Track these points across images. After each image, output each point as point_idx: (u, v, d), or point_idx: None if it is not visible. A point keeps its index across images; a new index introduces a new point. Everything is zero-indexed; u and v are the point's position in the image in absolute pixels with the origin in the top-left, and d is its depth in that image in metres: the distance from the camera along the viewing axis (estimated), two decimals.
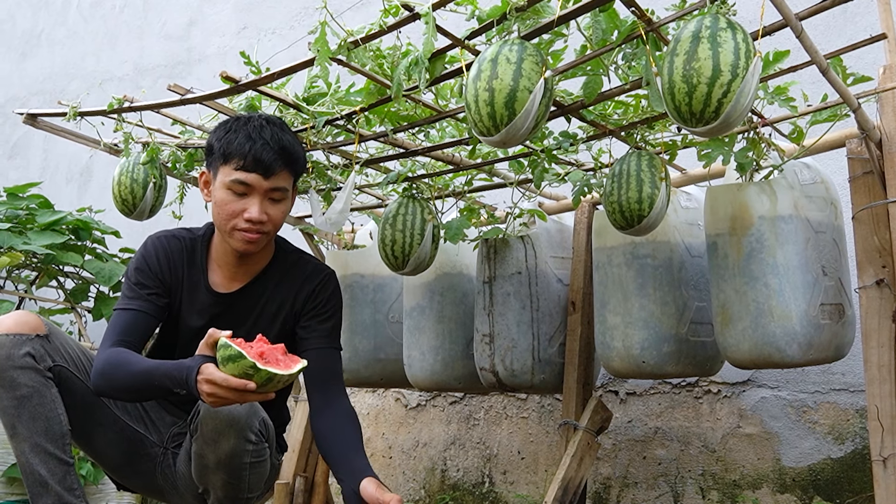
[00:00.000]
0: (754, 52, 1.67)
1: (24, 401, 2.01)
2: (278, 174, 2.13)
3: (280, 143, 2.13)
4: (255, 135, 2.11)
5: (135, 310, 2.17)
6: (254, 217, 2.10)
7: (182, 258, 2.25)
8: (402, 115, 2.35)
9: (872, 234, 2.25)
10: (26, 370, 2.02)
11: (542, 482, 3.52)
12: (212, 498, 2.11)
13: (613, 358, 2.59)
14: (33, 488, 2.02)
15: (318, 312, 2.29)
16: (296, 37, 4.82)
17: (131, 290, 2.20)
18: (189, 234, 2.30)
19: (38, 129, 2.81)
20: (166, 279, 2.23)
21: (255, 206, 2.11)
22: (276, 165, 2.12)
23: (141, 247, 2.29)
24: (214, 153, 2.16)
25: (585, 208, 2.87)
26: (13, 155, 6.47)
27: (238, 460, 2.04)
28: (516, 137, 1.82)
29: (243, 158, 2.10)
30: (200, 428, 2.02)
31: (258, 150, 2.10)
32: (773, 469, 3.06)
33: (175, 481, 2.24)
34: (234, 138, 2.12)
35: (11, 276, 4.32)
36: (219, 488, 2.08)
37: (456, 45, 1.91)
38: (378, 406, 4.12)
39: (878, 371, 2.19)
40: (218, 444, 2.02)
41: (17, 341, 2.03)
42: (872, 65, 2.31)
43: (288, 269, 2.30)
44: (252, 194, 2.12)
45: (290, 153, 2.15)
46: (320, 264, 2.38)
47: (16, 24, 6.85)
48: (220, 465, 2.04)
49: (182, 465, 2.20)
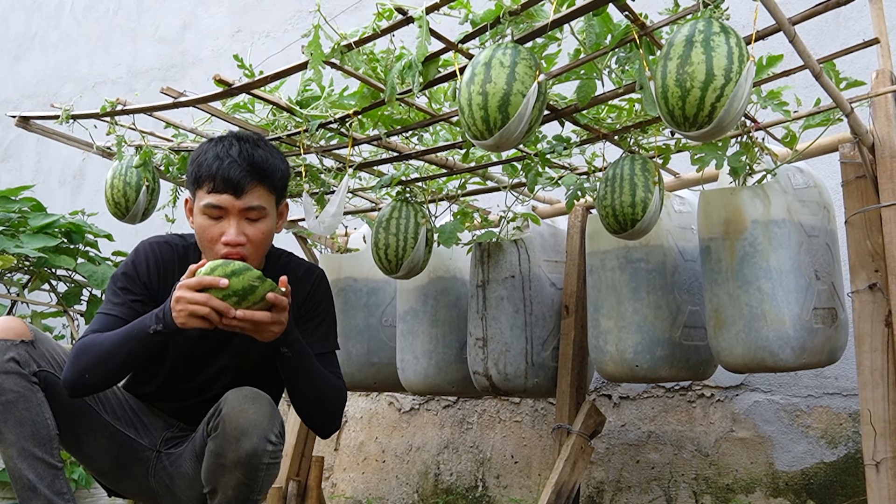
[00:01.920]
0: (748, 57, 1.67)
1: (10, 406, 2.00)
2: (251, 192, 2.08)
3: (250, 160, 2.08)
4: (222, 154, 2.07)
5: (116, 316, 2.14)
6: (231, 240, 2.06)
7: (174, 265, 2.24)
8: (396, 118, 2.35)
9: (865, 238, 2.25)
10: (11, 375, 2.01)
11: (535, 486, 3.51)
12: (219, 498, 2.10)
13: (607, 362, 2.59)
14: (22, 493, 2.01)
15: (314, 315, 2.28)
16: (289, 40, 4.82)
17: (116, 296, 2.18)
18: (182, 241, 2.29)
19: (30, 131, 2.80)
20: (154, 287, 2.20)
21: (231, 228, 2.07)
22: (245, 183, 2.07)
23: (132, 252, 2.26)
24: (190, 178, 2.14)
25: (579, 212, 2.87)
26: (6, 158, 6.45)
27: (257, 460, 2.01)
28: (510, 141, 1.82)
29: (212, 180, 2.06)
30: (222, 426, 2.00)
31: (225, 170, 2.05)
32: (767, 473, 3.06)
33: (170, 484, 2.23)
34: (203, 160, 2.09)
35: (4, 280, 4.31)
36: (231, 488, 2.06)
37: (449, 49, 1.91)
38: (371, 410, 4.12)
39: (871, 375, 2.20)
40: (240, 444, 2.00)
41: (1, 347, 2.02)
42: (865, 69, 2.32)
43: (279, 272, 2.28)
44: (227, 216, 2.08)
45: (262, 169, 2.10)
46: (310, 265, 2.37)
47: (9, 26, 6.83)
48: (237, 465, 2.02)
49: (186, 466, 2.19)
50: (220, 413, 2.02)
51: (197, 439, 2.16)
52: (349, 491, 4.07)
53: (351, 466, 4.11)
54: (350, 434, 4.15)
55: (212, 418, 2.06)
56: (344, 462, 4.14)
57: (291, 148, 2.58)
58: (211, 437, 2.04)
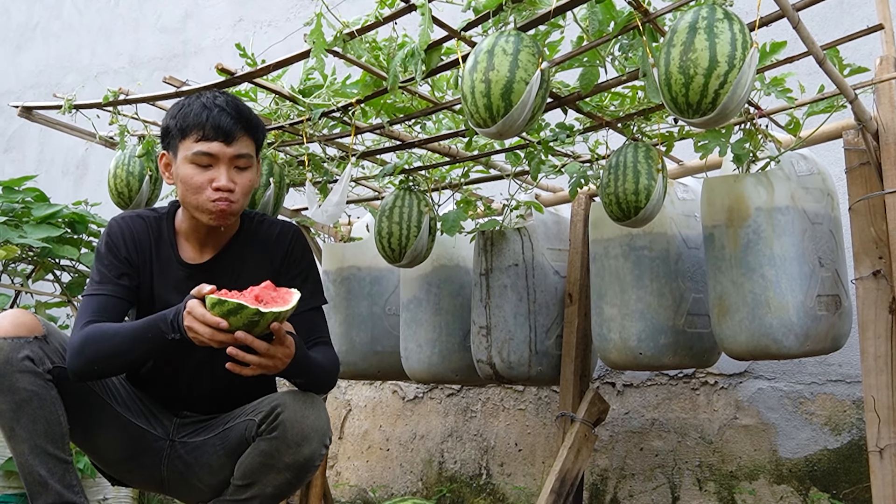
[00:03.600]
0: (751, 43, 1.67)
1: (24, 405, 2.00)
2: (240, 140, 2.10)
3: (237, 109, 2.11)
4: (209, 104, 2.10)
5: (106, 294, 2.14)
6: (222, 185, 2.07)
7: (148, 237, 2.23)
8: (399, 107, 2.35)
9: (869, 225, 2.25)
10: (26, 374, 2.00)
11: (539, 474, 3.52)
12: (252, 492, 2.11)
13: (610, 350, 2.59)
14: (32, 487, 2.02)
15: (297, 272, 2.27)
16: (291, 29, 4.81)
17: (100, 275, 2.17)
18: (153, 213, 2.28)
19: (33, 122, 2.80)
20: (134, 260, 2.20)
21: (222, 174, 2.08)
22: (236, 130, 2.09)
23: (105, 229, 2.25)
24: (172, 131, 2.14)
25: (582, 200, 2.87)
26: (9, 148, 6.45)
27: (310, 464, 2.08)
28: (513, 129, 1.82)
29: (202, 129, 2.07)
30: (282, 430, 2.03)
31: (216, 118, 2.08)
32: (770, 460, 3.07)
33: (185, 472, 2.23)
34: (189, 112, 2.10)
35: (7, 270, 4.31)
36: (272, 486, 2.10)
37: (452, 37, 1.91)
38: (375, 398, 4.12)
39: (875, 362, 2.20)
40: (300, 448, 2.04)
41: (16, 345, 2.01)
42: (869, 56, 2.31)
43: (255, 232, 2.28)
44: (217, 164, 2.09)
45: (248, 118, 2.13)
46: (284, 222, 2.35)
47: (10, 17, 6.82)
48: (291, 467, 2.06)
49: (210, 456, 2.19)
50: (279, 417, 2.04)
51: (232, 433, 2.16)
52: (353, 479, 4.08)
53: (355, 455, 4.12)
54: (354, 422, 4.16)
55: (266, 419, 2.07)
56: (348, 450, 4.15)
57: (294, 137, 2.58)
58: (263, 437, 2.06)
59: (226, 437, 2.18)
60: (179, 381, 2.25)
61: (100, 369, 2.06)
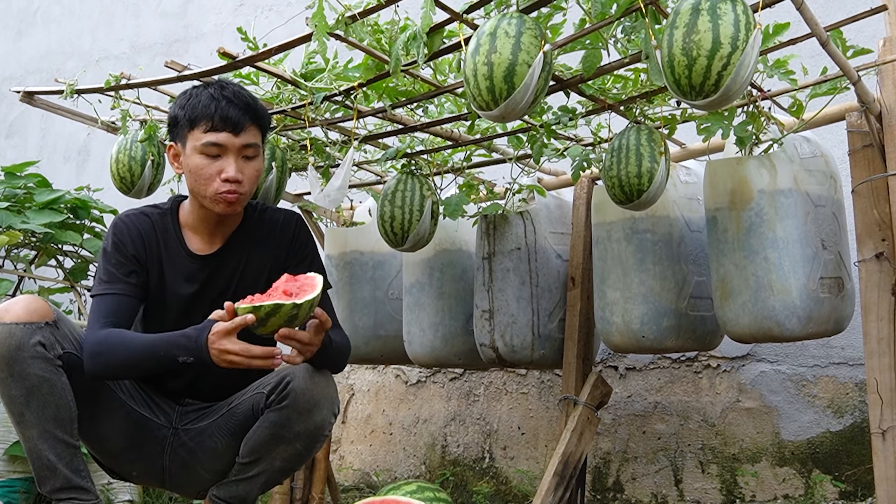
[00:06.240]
0: (754, 25, 1.66)
1: (35, 390, 2.01)
2: (247, 130, 2.15)
3: (243, 100, 2.16)
4: (217, 95, 2.14)
5: (117, 293, 2.16)
6: (231, 176, 2.12)
7: (154, 233, 2.25)
8: (401, 90, 2.34)
9: (872, 207, 2.25)
10: (37, 360, 2.02)
11: (542, 457, 3.53)
12: (258, 469, 2.14)
13: (613, 333, 2.60)
14: (41, 472, 2.03)
15: (302, 258, 2.32)
16: (293, 12, 4.79)
17: (108, 274, 2.19)
18: (156, 209, 2.31)
19: (35, 107, 2.80)
20: (141, 257, 2.22)
21: (231, 165, 2.13)
22: (244, 121, 2.14)
23: (110, 227, 2.27)
24: (180, 122, 2.18)
25: (585, 183, 2.87)
26: (11, 134, 6.44)
27: (320, 432, 2.13)
28: (515, 112, 1.81)
29: (210, 119, 2.12)
30: (292, 398, 2.07)
31: (224, 109, 2.12)
32: (773, 443, 3.08)
33: (188, 459, 2.24)
34: (197, 102, 2.14)
35: (10, 256, 4.32)
36: (281, 459, 2.14)
37: (454, 20, 1.90)
38: (378, 383, 4.13)
39: (878, 344, 2.20)
40: (311, 416, 2.09)
41: (28, 330, 2.02)
42: (872, 37, 2.30)
43: (258, 221, 2.32)
44: (225, 154, 2.14)
45: (254, 108, 2.18)
46: (286, 210, 2.40)
47: (11, 2, 6.80)
48: (300, 436, 2.11)
49: (214, 440, 2.21)
50: (289, 385, 2.08)
51: (239, 410, 2.19)
52: (357, 463, 4.09)
53: (358, 439, 4.13)
54: (357, 407, 4.18)
55: (275, 390, 2.10)
56: (351, 435, 4.16)
57: (296, 121, 2.58)
58: (273, 408, 2.10)
59: (231, 416, 2.20)
60: (184, 375, 2.27)
61: (113, 374, 2.12)
